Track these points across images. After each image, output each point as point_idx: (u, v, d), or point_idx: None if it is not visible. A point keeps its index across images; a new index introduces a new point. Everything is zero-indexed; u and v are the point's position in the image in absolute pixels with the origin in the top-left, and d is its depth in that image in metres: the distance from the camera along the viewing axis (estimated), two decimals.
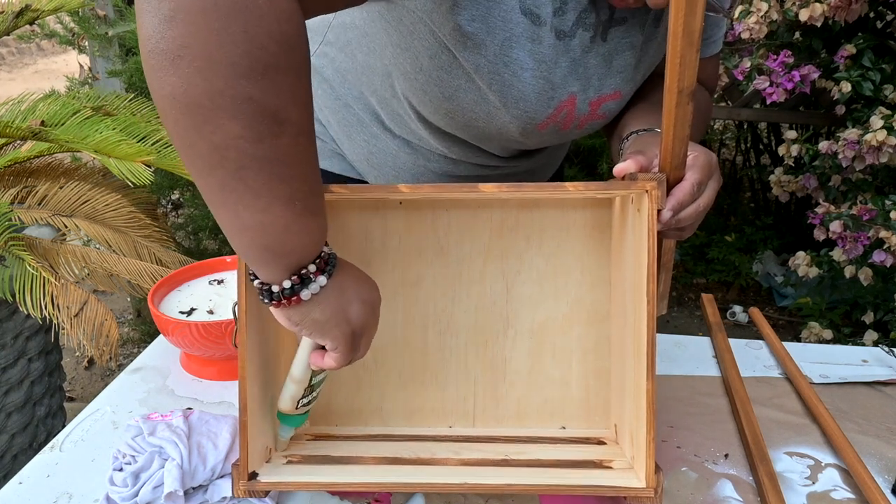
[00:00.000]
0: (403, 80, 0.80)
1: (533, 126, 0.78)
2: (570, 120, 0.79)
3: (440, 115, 0.80)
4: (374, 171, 0.94)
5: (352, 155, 0.95)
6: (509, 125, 0.77)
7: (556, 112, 0.77)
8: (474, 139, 0.84)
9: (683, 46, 0.56)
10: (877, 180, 2.03)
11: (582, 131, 0.83)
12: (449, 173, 0.92)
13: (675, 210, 0.65)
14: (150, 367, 0.96)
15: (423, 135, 0.86)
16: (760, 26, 1.91)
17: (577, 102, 0.77)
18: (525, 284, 0.77)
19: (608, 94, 0.79)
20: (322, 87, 0.93)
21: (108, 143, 1.49)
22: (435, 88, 0.77)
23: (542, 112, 0.76)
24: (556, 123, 0.79)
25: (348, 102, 0.91)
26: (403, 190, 0.65)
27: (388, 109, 0.87)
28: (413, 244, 0.77)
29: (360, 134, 0.92)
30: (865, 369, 0.96)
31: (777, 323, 2.67)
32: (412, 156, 0.90)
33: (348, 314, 0.62)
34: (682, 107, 0.60)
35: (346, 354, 0.63)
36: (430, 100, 0.79)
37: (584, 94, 0.77)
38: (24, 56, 8.21)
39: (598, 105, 0.79)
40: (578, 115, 0.79)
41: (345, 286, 0.62)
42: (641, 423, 0.65)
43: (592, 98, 0.78)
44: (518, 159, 0.92)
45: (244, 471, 0.66)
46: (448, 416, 0.79)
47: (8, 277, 1.39)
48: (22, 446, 1.60)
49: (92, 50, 2.55)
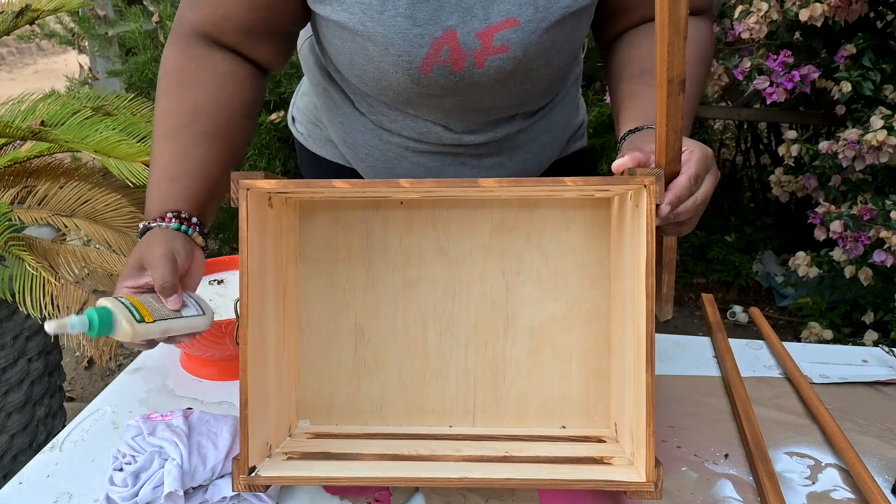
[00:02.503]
0: (326, 56, 0.86)
1: (416, 69, 0.76)
2: (459, 57, 0.76)
3: (357, 83, 0.84)
4: (351, 151, 0.97)
5: (335, 138, 0.99)
6: (396, 74, 0.78)
7: (433, 51, 0.75)
8: (401, 104, 0.86)
9: (670, 34, 0.56)
10: (877, 180, 2.02)
11: (488, 71, 0.78)
12: (413, 149, 0.92)
13: (673, 204, 0.65)
14: (150, 367, 0.96)
15: (377, 108, 0.89)
16: (760, 26, 1.91)
17: (458, 36, 0.75)
18: (525, 284, 0.77)
19: (499, 23, 0.75)
20: (311, 75, 0.99)
21: (108, 143, 1.49)
22: (341, 57, 0.81)
23: (416, 53, 0.75)
24: (441, 63, 0.76)
25: (326, 87, 0.95)
26: (404, 185, 0.65)
27: (349, 88, 0.91)
28: (413, 243, 0.77)
29: (337, 116, 0.96)
30: (865, 369, 0.96)
31: (777, 323, 2.67)
32: (376, 132, 0.92)
33: None
34: (674, 98, 0.60)
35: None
36: (344, 68, 0.83)
37: (465, 25, 0.75)
38: (24, 56, 8.21)
39: (489, 37, 0.76)
40: (468, 50, 0.76)
41: None
42: (641, 416, 0.65)
43: (479, 29, 0.75)
44: (476, 134, 0.89)
45: (244, 465, 0.66)
46: (448, 416, 0.79)
47: (8, 277, 1.39)
48: (22, 446, 1.60)
49: (92, 50, 2.56)
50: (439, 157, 0.92)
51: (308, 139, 1.06)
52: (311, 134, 1.05)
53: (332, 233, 0.77)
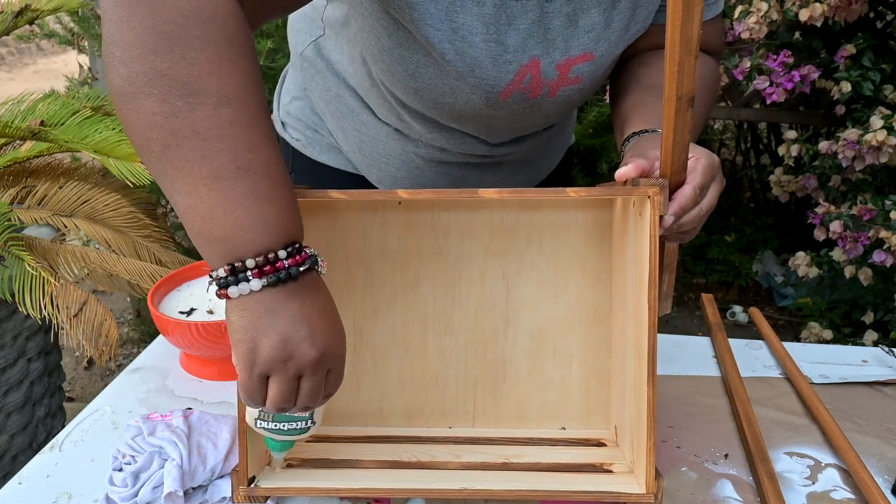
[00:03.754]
0: (374, 64, 0.81)
1: (496, 94, 0.76)
2: (537, 86, 0.77)
3: (410, 96, 0.80)
4: (367, 160, 0.95)
5: (345, 146, 0.96)
6: (472, 96, 0.76)
7: (518, 77, 0.75)
8: (450, 120, 0.83)
9: (682, 54, 0.56)
10: (877, 180, 2.02)
11: (556, 101, 0.80)
12: (438, 160, 0.91)
13: (677, 215, 0.64)
14: (150, 367, 0.96)
15: (408, 119, 0.87)
16: (760, 26, 1.91)
17: (541, 66, 0.75)
18: (525, 285, 0.77)
19: (577, 56, 0.77)
20: (316, 80, 0.94)
21: (107, 143, 1.49)
22: (399, 67, 0.77)
23: (502, 78, 0.75)
24: (520, 90, 0.77)
25: (339, 93, 0.92)
26: (402, 195, 0.65)
27: (372, 96, 0.88)
28: (412, 244, 0.76)
29: (351, 123, 0.93)
30: (865, 369, 0.96)
31: (777, 323, 2.67)
32: (400, 142, 0.91)
33: (259, 341, 0.52)
34: (682, 113, 0.60)
35: (243, 384, 0.54)
36: (398, 80, 0.79)
37: (548, 56, 0.75)
38: (24, 56, 8.21)
39: (567, 68, 0.77)
40: (546, 80, 0.77)
41: (280, 307, 0.52)
42: (642, 428, 0.65)
43: (559, 60, 0.76)
44: (508, 146, 0.91)
45: (244, 476, 0.66)
46: (448, 417, 0.79)
47: (7, 277, 1.39)
48: (22, 446, 1.59)
49: (91, 50, 2.55)
50: (463, 167, 0.93)
51: (307, 146, 1.01)
52: (309, 140, 1.01)
53: (330, 234, 0.77)
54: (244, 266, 0.51)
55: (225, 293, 0.52)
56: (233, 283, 0.51)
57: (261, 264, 0.51)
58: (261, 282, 0.51)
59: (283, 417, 0.61)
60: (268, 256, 0.52)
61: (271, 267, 0.52)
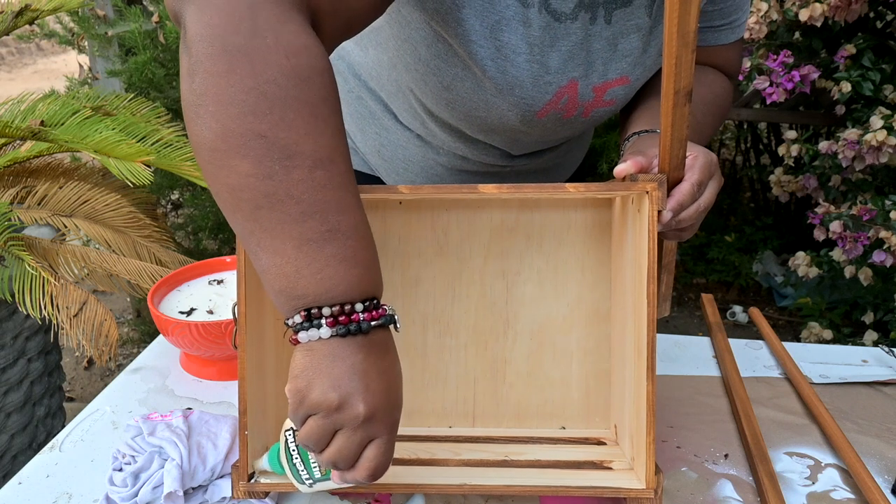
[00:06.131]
0: (406, 72, 0.80)
1: (532, 113, 0.76)
2: (572, 107, 0.78)
3: (442, 106, 0.80)
4: (385, 163, 0.94)
5: (364, 147, 0.96)
6: (508, 113, 0.77)
7: (555, 98, 0.76)
8: (479, 132, 0.83)
9: (679, 47, 0.56)
10: (877, 180, 2.03)
11: (588, 120, 0.81)
12: (459, 168, 0.91)
13: (675, 211, 0.65)
14: (150, 367, 0.96)
15: (432, 127, 0.86)
16: (760, 26, 1.91)
17: (579, 88, 0.76)
18: (525, 284, 0.77)
19: (614, 80, 0.78)
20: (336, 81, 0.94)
21: (107, 143, 1.49)
22: (434, 78, 0.77)
23: (540, 98, 0.75)
24: (556, 110, 0.77)
25: (360, 95, 0.91)
26: (403, 191, 0.65)
27: (397, 102, 0.87)
28: (413, 244, 0.76)
29: (372, 126, 0.92)
30: (865, 369, 0.96)
31: (777, 323, 2.67)
32: (422, 148, 0.90)
33: (313, 381, 0.52)
34: (680, 108, 0.60)
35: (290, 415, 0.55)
36: (430, 90, 0.79)
37: (586, 79, 0.76)
38: (24, 56, 8.21)
39: (603, 91, 0.78)
40: (582, 101, 0.77)
41: (343, 356, 0.52)
42: (641, 425, 0.65)
43: (597, 83, 0.77)
44: (528, 157, 0.91)
45: (244, 472, 0.66)
46: (448, 417, 0.79)
47: (7, 277, 1.39)
48: (22, 446, 1.60)
49: (91, 50, 2.55)
50: (482, 176, 0.93)
51: None
52: None
53: None
54: (320, 313, 0.52)
55: (296, 338, 0.53)
56: (306, 328, 0.52)
57: (336, 314, 0.52)
58: (331, 330, 0.51)
59: (304, 455, 0.60)
60: (344, 307, 0.52)
61: (346, 318, 0.52)
